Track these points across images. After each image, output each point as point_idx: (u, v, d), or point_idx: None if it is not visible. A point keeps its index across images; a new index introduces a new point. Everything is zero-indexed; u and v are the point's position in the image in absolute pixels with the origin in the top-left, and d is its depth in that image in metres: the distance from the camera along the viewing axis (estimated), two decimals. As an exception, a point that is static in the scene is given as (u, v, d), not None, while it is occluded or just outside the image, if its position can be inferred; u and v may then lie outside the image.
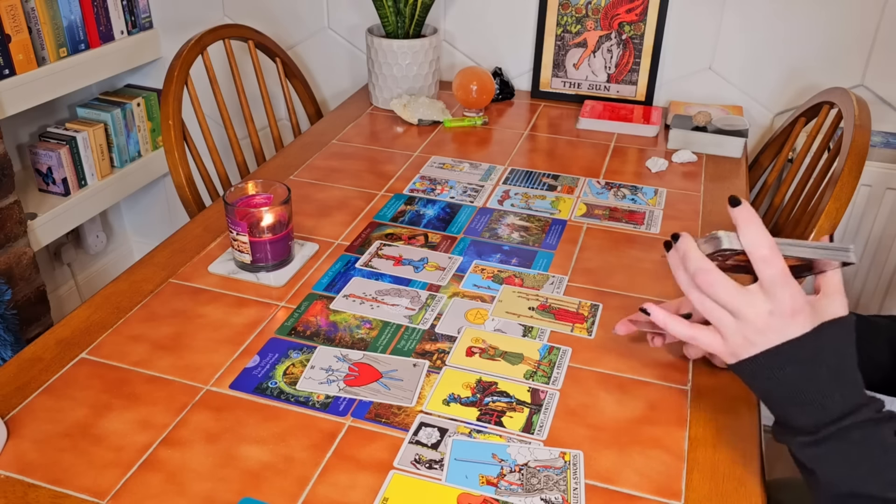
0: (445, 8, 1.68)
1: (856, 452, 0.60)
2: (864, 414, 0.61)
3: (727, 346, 0.67)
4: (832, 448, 0.61)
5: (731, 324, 0.66)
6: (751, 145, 1.58)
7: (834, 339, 0.63)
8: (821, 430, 0.61)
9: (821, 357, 0.62)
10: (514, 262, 1.03)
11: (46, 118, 1.91)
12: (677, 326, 0.70)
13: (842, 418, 0.61)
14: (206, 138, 1.46)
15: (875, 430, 0.60)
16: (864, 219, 1.44)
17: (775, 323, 0.63)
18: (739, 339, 0.65)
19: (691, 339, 0.69)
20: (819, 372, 0.62)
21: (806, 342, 0.63)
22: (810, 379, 0.62)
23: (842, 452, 0.61)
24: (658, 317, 0.71)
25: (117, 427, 0.75)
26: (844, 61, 1.48)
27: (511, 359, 0.85)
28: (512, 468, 0.71)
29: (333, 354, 0.85)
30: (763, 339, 0.64)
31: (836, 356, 0.63)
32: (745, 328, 0.65)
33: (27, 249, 1.61)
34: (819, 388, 0.62)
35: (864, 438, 0.60)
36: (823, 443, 0.61)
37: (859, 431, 0.60)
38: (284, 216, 0.97)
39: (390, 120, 1.51)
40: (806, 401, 0.62)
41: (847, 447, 0.60)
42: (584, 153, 1.37)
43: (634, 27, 1.52)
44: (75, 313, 0.91)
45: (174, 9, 1.90)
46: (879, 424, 0.60)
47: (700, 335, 0.69)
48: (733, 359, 0.67)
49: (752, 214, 0.64)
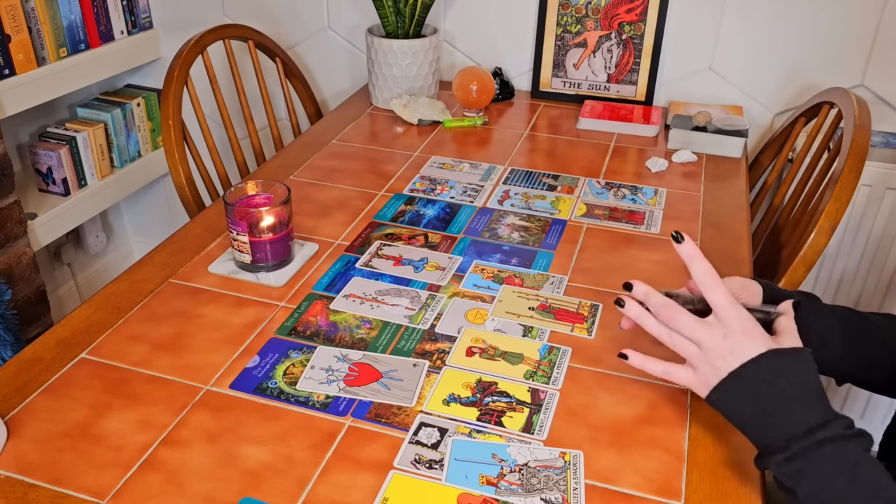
0: (445, 8, 1.68)
1: (829, 467, 0.62)
2: (834, 429, 0.63)
3: (698, 378, 0.71)
4: (806, 463, 0.63)
5: (696, 354, 0.70)
6: (751, 145, 1.58)
7: (792, 359, 0.67)
8: (792, 445, 0.64)
9: (782, 374, 0.66)
10: (514, 262, 1.03)
11: (46, 118, 1.91)
12: (654, 367, 0.74)
13: (811, 432, 0.63)
14: (206, 138, 1.46)
15: (845, 445, 0.63)
16: (864, 219, 1.44)
17: (731, 344, 0.68)
18: (706, 367, 0.69)
19: (665, 374, 0.73)
20: (783, 388, 0.66)
21: (763, 361, 0.67)
22: (774, 395, 0.66)
23: (816, 467, 0.63)
24: (635, 361, 0.74)
25: (117, 427, 0.75)
26: (844, 61, 1.48)
27: (511, 359, 0.85)
28: (512, 468, 0.71)
29: (333, 354, 0.85)
30: (724, 363, 0.68)
31: (797, 373, 0.67)
32: (708, 355, 0.69)
33: (27, 249, 1.61)
34: (784, 404, 0.65)
35: (836, 453, 0.62)
36: (797, 458, 0.63)
37: (830, 446, 0.62)
38: (284, 216, 0.97)
39: (390, 120, 1.51)
40: (774, 416, 0.66)
41: (820, 461, 0.63)
42: (584, 153, 1.37)
43: (634, 27, 1.52)
44: (75, 313, 0.91)
45: (174, 9, 1.90)
46: (849, 440, 0.63)
47: (673, 370, 0.73)
48: (706, 388, 0.70)
49: (695, 249, 0.71)
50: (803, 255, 1.08)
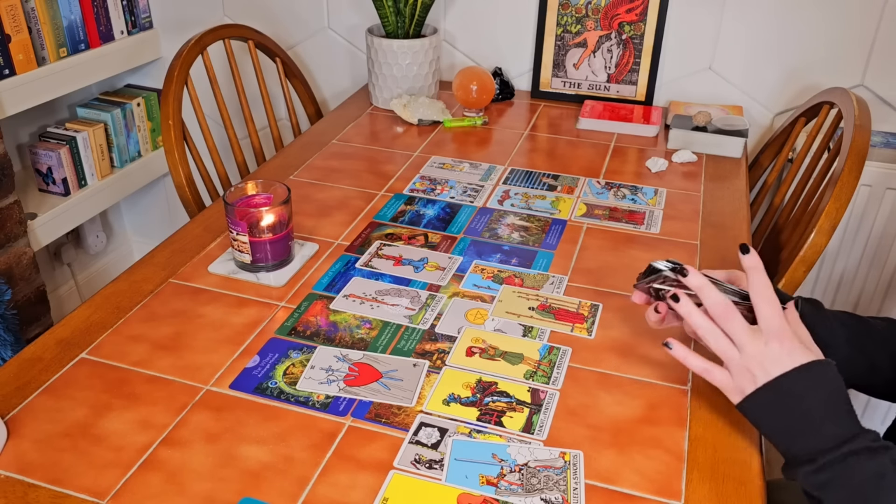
0: (445, 8, 1.68)
1: (855, 479, 0.64)
2: (860, 442, 0.65)
3: (734, 382, 0.72)
4: (833, 475, 0.65)
5: (737, 359, 0.71)
6: (751, 145, 1.58)
7: (821, 374, 0.69)
8: (818, 458, 0.65)
9: (812, 388, 0.68)
10: (514, 262, 1.03)
11: (46, 118, 1.91)
12: (695, 362, 0.74)
13: (838, 446, 0.65)
14: (206, 138, 1.46)
15: (871, 458, 0.64)
16: (864, 219, 1.44)
17: (771, 354, 0.69)
18: (745, 375, 0.71)
19: (705, 373, 0.74)
20: (812, 403, 0.67)
21: (797, 376, 0.68)
22: (805, 409, 0.68)
23: (842, 479, 0.64)
24: (678, 353, 0.75)
25: (117, 427, 0.75)
26: (844, 61, 1.48)
27: (511, 359, 0.85)
28: (512, 468, 0.71)
29: (333, 354, 0.85)
30: (762, 373, 0.69)
31: (826, 387, 0.68)
32: (749, 362, 0.70)
33: (27, 249, 1.61)
34: (816, 417, 0.67)
35: (862, 465, 0.64)
36: (824, 470, 0.65)
37: (856, 458, 0.64)
38: (284, 216, 0.97)
39: (390, 120, 1.51)
40: (804, 430, 0.67)
41: (847, 473, 0.64)
42: (584, 153, 1.37)
43: (634, 27, 1.52)
44: (75, 313, 0.91)
45: (174, 9, 1.89)
46: (875, 452, 0.64)
47: (713, 371, 0.74)
48: (740, 396, 0.71)
49: (758, 262, 0.72)
50: (803, 255, 1.08)
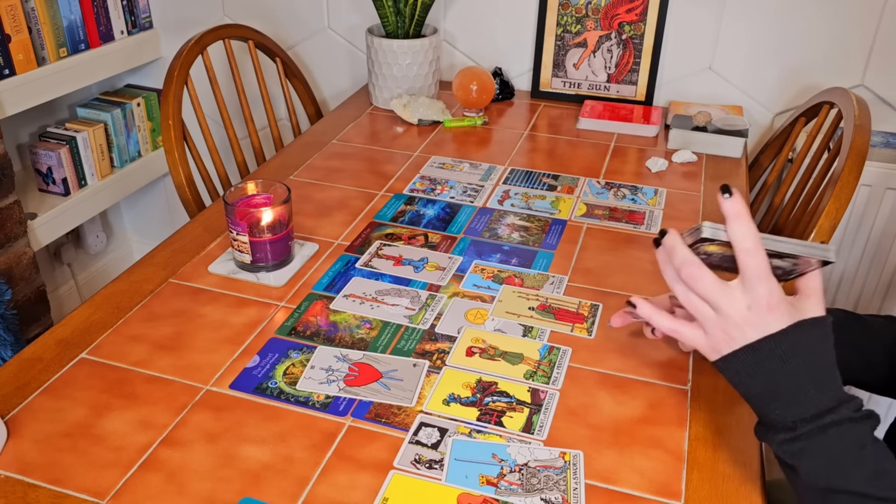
0: (445, 8, 1.68)
1: (834, 448, 0.61)
2: (842, 412, 0.62)
3: (708, 341, 0.68)
4: (810, 444, 0.62)
5: (712, 317, 0.66)
6: (751, 145, 1.58)
7: (810, 336, 0.64)
8: (798, 427, 0.62)
9: (797, 353, 0.63)
10: (514, 262, 1.03)
11: (46, 118, 1.91)
12: (662, 320, 0.71)
13: (819, 416, 0.62)
14: (206, 138, 1.46)
15: (852, 428, 0.61)
16: (864, 219, 1.44)
17: (753, 317, 0.64)
18: (719, 334, 0.66)
19: (674, 332, 0.71)
20: (796, 368, 0.63)
21: (782, 338, 0.64)
22: (787, 374, 0.63)
23: (820, 448, 0.62)
24: (644, 311, 0.72)
25: (117, 427, 0.75)
26: (844, 61, 1.48)
27: (511, 359, 0.85)
28: (512, 468, 0.71)
29: (333, 354, 0.85)
30: (741, 333, 0.65)
31: (813, 353, 0.64)
32: (724, 322, 0.66)
33: (27, 249, 1.61)
34: (796, 384, 0.63)
35: (842, 435, 0.61)
36: (802, 439, 0.62)
37: (836, 429, 0.61)
38: (284, 216, 0.97)
39: (390, 120, 1.51)
40: (784, 396, 0.63)
41: (826, 443, 0.61)
42: (584, 153, 1.37)
43: (634, 27, 1.52)
44: (75, 313, 0.91)
45: (174, 9, 1.90)
46: (857, 423, 0.62)
47: (683, 329, 0.70)
48: (715, 354, 0.68)
49: (742, 207, 0.64)
50: (803, 255, 1.07)
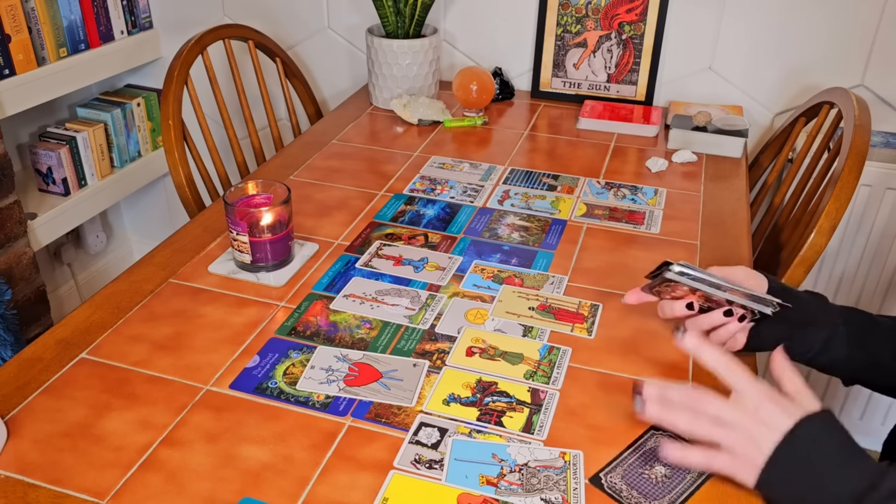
0: (445, 8, 1.68)
1: None
2: (881, 492, 0.61)
3: (741, 461, 0.66)
4: None
5: (729, 435, 0.67)
6: (751, 145, 1.58)
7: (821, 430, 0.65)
8: None
9: (816, 449, 0.64)
10: (514, 262, 1.03)
11: (46, 118, 1.91)
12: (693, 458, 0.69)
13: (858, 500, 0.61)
14: (206, 138, 1.46)
15: None
16: (864, 219, 1.44)
17: (764, 415, 0.66)
18: (747, 445, 0.66)
19: (707, 468, 0.69)
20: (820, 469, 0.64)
21: (796, 439, 0.64)
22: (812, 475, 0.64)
23: None
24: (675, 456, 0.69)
25: (117, 427, 0.75)
26: (844, 61, 1.48)
27: (511, 359, 0.85)
28: (512, 468, 0.71)
29: (333, 354, 0.85)
30: (763, 435, 0.65)
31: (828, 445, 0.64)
32: (745, 431, 0.66)
33: (27, 249, 1.61)
34: (822, 481, 0.63)
35: None
36: None
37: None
38: (284, 216, 0.97)
39: (390, 120, 1.51)
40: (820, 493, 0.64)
41: None
42: (584, 153, 1.37)
43: (634, 27, 1.52)
44: (75, 313, 0.91)
45: (174, 9, 1.90)
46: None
47: (714, 461, 0.68)
48: (754, 470, 0.66)
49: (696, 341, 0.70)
50: (803, 255, 1.08)
